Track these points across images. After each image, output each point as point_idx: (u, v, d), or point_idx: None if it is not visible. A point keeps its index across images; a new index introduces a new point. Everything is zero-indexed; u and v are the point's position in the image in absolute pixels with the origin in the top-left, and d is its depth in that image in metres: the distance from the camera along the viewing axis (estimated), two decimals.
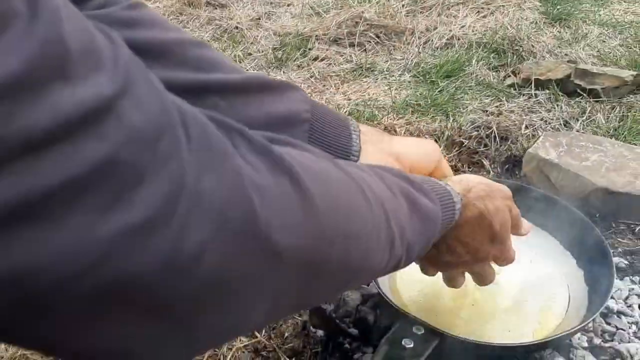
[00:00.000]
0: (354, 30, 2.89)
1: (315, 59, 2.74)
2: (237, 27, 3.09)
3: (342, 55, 2.76)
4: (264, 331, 1.46)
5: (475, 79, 2.52)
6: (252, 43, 2.91)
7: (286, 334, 1.47)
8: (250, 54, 2.80)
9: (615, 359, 1.30)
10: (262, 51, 2.81)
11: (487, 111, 2.27)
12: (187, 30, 3.13)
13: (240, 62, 2.71)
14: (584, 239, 1.41)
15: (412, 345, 1.12)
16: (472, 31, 2.91)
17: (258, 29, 3.06)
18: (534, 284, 1.37)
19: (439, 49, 2.80)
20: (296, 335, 1.47)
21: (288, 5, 3.37)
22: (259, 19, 3.19)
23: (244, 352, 1.45)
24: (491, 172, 1.98)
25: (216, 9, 3.37)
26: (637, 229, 1.73)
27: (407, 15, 3.09)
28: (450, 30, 2.91)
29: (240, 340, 1.45)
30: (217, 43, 2.96)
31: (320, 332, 1.44)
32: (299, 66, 2.69)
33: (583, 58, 2.64)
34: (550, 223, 1.49)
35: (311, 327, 1.46)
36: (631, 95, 2.32)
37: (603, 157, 1.89)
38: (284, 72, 2.64)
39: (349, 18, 2.95)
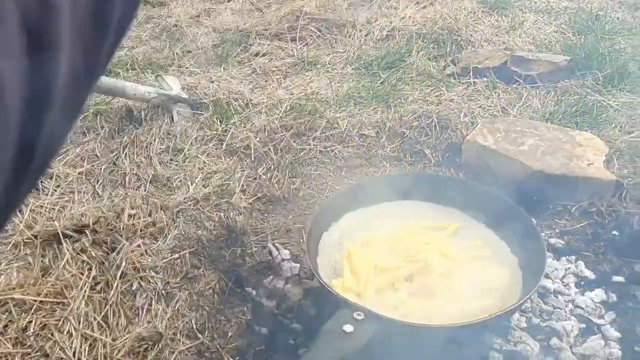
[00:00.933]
0: (295, 24, 2.87)
1: (257, 54, 2.71)
2: (176, 25, 3.03)
3: (283, 50, 2.75)
4: (206, 332, 1.44)
5: (416, 69, 2.54)
6: (191, 40, 2.86)
7: (230, 334, 1.44)
8: (189, 52, 2.76)
9: (551, 337, 1.32)
10: (202, 48, 2.77)
11: (427, 101, 2.29)
12: None
13: (178, 61, 2.66)
14: (517, 227, 1.45)
15: (352, 331, 1.14)
16: (412, 22, 2.93)
17: (198, 26, 3.01)
18: (473, 272, 1.39)
19: (380, 41, 2.81)
20: (240, 335, 1.45)
21: (228, 1, 3.33)
22: (199, 16, 3.14)
23: (187, 354, 1.43)
24: (432, 160, 2.00)
25: (154, 7, 3.30)
26: (573, 209, 1.77)
27: (348, 9, 3.09)
28: (391, 22, 2.92)
29: (182, 343, 1.42)
30: (156, 41, 2.90)
31: (264, 330, 1.43)
32: (240, 62, 2.66)
33: (520, 45, 2.69)
34: (485, 214, 1.54)
35: (255, 326, 1.44)
36: (566, 80, 2.38)
37: (539, 141, 1.93)
38: (224, 68, 2.60)
39: (289, 12, 2.94)
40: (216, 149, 2.07)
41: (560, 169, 1.81)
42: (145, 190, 1.87)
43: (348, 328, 1.14)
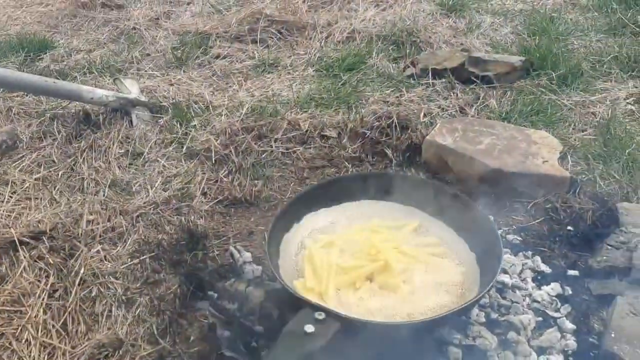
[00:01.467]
0: (255, 26, 2.87)
1: (217, 56, 2.70)
2: (134, 28, 3.00)
3: (244, 52, 2.74)
4: (168, 337, 1.43)
5: (376, 70, 2.56)
6: (150, 43, 2.83)
7: (192, 338, 1.43)
8: (148, 55, 2.73)
9: (509, 331, 1.35)
10: (161, 51, 2.74)
11: (387, 102, 2.32)
12: (82, 33, 3.01)
13: (137, 64, 2.63)
14: (475, 224, 1.47)
15: (313, 331, 1.14)
16: (372, 24, 2.96)
17: (157, 29, 2.98)
18: (431, 270, 1.41)
19: (340, 43, 2.82)
20: (202, 338, 1.44)
21: (188, 3, 3.31)
22: (158, 18, 3.11)
23: None
24: (394, 160, 2.02)
25: (112, 10, 3.26)
26: (530, 206, 1.81)
27: (308, 11, 3.10)
28: (351, 24, 2.94)
29: (143, 348, 1.40)
30: (114, 44, 2.86)
31: (226, 333, 1.42)
32: (200, 64, 2.64)
33: (477, 46, 2.74)
34: (444, 212, 1.55)
35: (217, 329, 1.43)
36: (521, 80, 2.44)
37: (495, 140, 1.97)
38: (184, 71, 2.58)
39: (249, 15, 2.93)
40: (176, 152, 2.05)
41: (517, 166, 1.85)
42: (104, 195, 1.84)
43: (309, 328, 1.14)
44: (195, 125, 2.16)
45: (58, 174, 1.95)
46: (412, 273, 1.39)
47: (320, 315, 1.17)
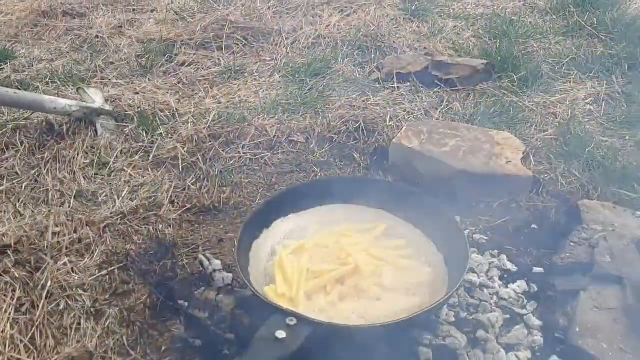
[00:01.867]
0: (221, 33, 2.86)
1: (182, 64, 2.68)
2: (97, 37, 2.96)
3: (210, 59, 2.73)
4: (139, 348, 1.41)
5: (342, 75, 2.58)
6: (114, 52, 2.80)
7: (163, 348, 1.42)
8: (112, 63, 2.69)
9: (477, 330, 1.38)
10: (125, 59, 2.71)
11: (354, 106, 2.34)
12: (44, 43, 2.96)
13: (101, 73, 2.60)
14: (442, 225, 1.50)
15: (285, 337, 1.15)
16: (337, 30, 2.98)
17: (120, 37, 2.95)
18: (400, 271, 1.43)
19: (306, 49, 2.84)
20: (174, 348, 1.42)
21: (152, 11, 3.28)
22: (121, 26, 3.08)
23: None
24: (361, 164, 2.04)
25: (74, 18, 3.21)
26: (495, 206, 1.85)
27: (274, 17, 3.10)
28: (317, 30, 2.96)
29: (113, 359, 1.38)
30: (77, 54, 2.81)
31: (198, 342, 1.41)
32: (165, 72, 2.62)
33: (440, 50, 2.78)
34: (412, 215, 1.58)
35: (188, 338, 1.42)
36: (484, 83, 2.49)
37: (460, 142, 2.00)
38: (149, 79, 2.56)
39: (214, 22, 2.92)
40: (143, 161, 2.03)
41: (482, 167, 1.89)
42: (69, 206, 1.82)
43: (280, 334, 1.15)
44: (161, 133, 2.15)
45: (22, 186, 1.91)
46: (382, 275, 1.41)
47: (292, 321, 1.18)
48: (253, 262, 1.43)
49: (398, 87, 2.46)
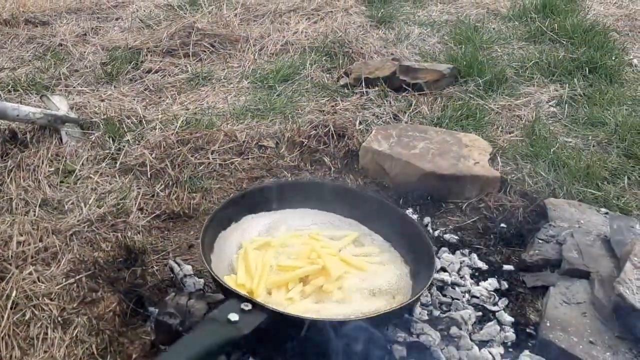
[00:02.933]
0: (187, 40, 2.84)
1: (149, 71, 2.65)
2: (61, 45, 2.90)
3: (176, 66, 2.71)
4: (109, 356, 1.38)
5: (310, 81, 2.59)
6: (78, 59, 2.75)
7: (134, 356, 1.39)
8: (77, 71, 2.65)
9: (451, 327, 1.39)
10: (90, 67, 2.67)
11: (323, 111, 2.34)
12: (5, 51, 2.89)
13: (65, 80, 2.55)
14: (409, 234, 1.53)
15: (237, 319, 1.16)
16: (305, 37, 2.99)
17: (85, 45, 2.90)
18: (369, 278, 1.43)
19: (274, 55, 2.84)
20: (145, 355, 1.39)
21: (116, 19, 3.24)
22: (85, 34, 3.03)
23: None
24: (332, 168, 2.05)
25: (37, 26, 3.14)
26: (464, 206, 1.87)
27: (241, 24, 3.10)
28: (284, 37, 2.97)
29: None
30: (40, 62, 2.76)
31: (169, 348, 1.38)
32: (131, 79, 2.58)
33: (407, 56, 2.82)
34: (380, 224, 1.60)
35: (159, 345, 1.40)
36: (450, 87, 2.52)
37: (429, 144, 2.03)
38: (115, 86, 2.52)
39: (181, 29, 2.90)
40: (110, 168, 2.00)
41: (450, 169, 1.91)
42: (34, 215, 1.77)
43: (233, 317, 1.15)
44: (128, 140, 2.11)
45: None
46: (348, 280, 1.40)
47: (247, 307, 1.19)
48: (217, 252, 1.44)
49: (366, 91, 2.47)
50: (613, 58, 2.70)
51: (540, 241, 1.67)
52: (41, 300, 1.49)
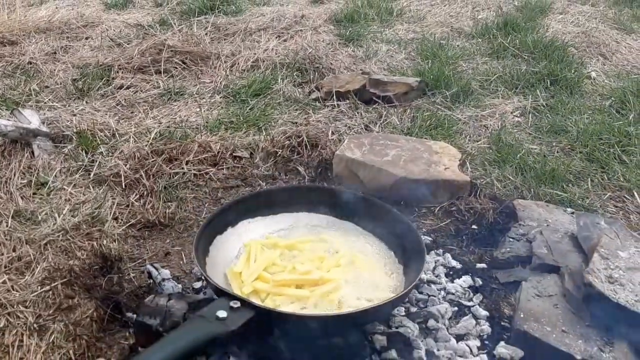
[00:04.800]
0: (159, 57, 2.86)
1: (120, 87, 2.66)
2: (30, 63, 2.89)
3: (148, 82, 2.72)
4: None
5: (282, 95, 2.63)
6: (48, 76, 2.74)
7: None
8: (47, 87, 2.64)
9: (428, 319, 1.41)
10: (61, 83, 2.66)
11: (296, 122, 2.38)
12: None
13: (36, 96, 2.54)
14: (402, 235, 1.57)
15: (225, 316, 1.18)
16: (276, 54, 3.04)
17: (54, 63, 2.90)
18: (360, 273, 1.47)
19: (245, 71, 2.88)
20: (124, 359, 1.39)
21: (86, 38, 3.24)
22: (55, 53, 3.02)
23: None
24: (306, 176, 2.07)
25: (5, 46, 3.12)
26: (437, 210, 1.91)
27: (212, 42, 3.14)
28: (255, 54, 3.01)
29: None
30: (9, 79, 2.74)
31: None
32: (102, 95, 2.59)
33: (376, 72, 2.88)
34: (375, 225, 1.64)
35: (138, 347, 1.39)
36: (419, 99, 2.59)
37: (400, 151, 2.07)
38: (86, 102, 2.52)
39: (152, 46, 2.92)
40: (83, 180, 1.99)
41: (422, 174, 1.96)
42: (7, 226, 1.75)
43: (222, 314, 1.18)
44: (102, 152, 2.11)
45: None
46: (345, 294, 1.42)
47: (235, 304, 1.21)
48: (212, 255, 1.45)
49: (338, 104, 2.53)
50: (572, 71, 2.82)
51: (511, 239, 1.72)
52: (16, 307, 1.46)
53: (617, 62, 3.03)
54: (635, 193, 1.96)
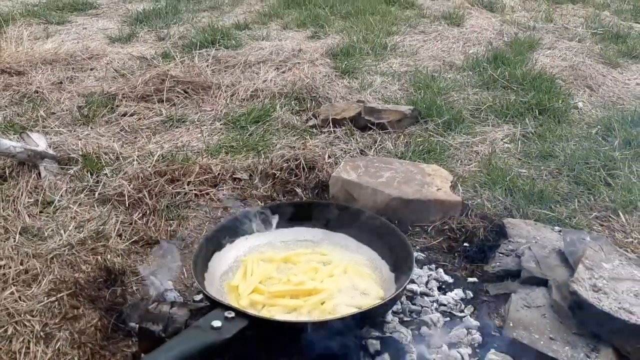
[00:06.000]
0: (161, 87, 2.96)
1: (124, 114, 2.75)
2: (37, 91, 2.99)
3: (151, 110, 2.81)
4: None
5: (281, 122, 2.72)
6: (55, 104, 2.83)
7: None
8: (53, 113, 2.73)
9: (421, 327, 1.47)
10: (67, 110, 2.75)
11: (294, 147, 2.47)
12: None
13: (42, 122, 2.62)
14: (395, 247, 1.64)
15: (220, 325, 1.24)
16: (274, 84, 3.15)
17: (60, 92, 3.00)
18: (353, 282, 1.53)
19: (245, 100, 2.98)
20: None
21: (91, 69, 3.35)
22: (61, 83, 3.13)
23: None
24: (303, 197, 2.15)
25: (12, 76, 3.23)
26: (430, 229, 1.98)
27: (213, 73, 3.25)
28: (254, 84, 3.12)
29: None
30: (17, 107, 2.83)
31: None
32: (107, 122, 2.68)
33: (371, 101, 2.99)
34: (367, 236, 1.73)
35: (142, 354, 1.43)
36: (412, 126, 2.69)
37: (394, 173, 2.16)
38: (91, 127, 2.61)
39: (155, 76, 3.03)
40: (88, 199, 2.06)
41: (415, 194, 2.03)
42: (14, 241, 1.81)
43: (216, 323, 1.24)
44: (106, 173, 2.19)
45: None
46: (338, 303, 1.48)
47: (230, 314, 1.27)
48: (210, 271, 1.51)
49: (334, 130, 2.62)
50: (560, 101, 2.93)
51: (501, 255, 1.79)
52: (23, 316, 1.52)
53: (604, 94, 3.15)
54: (620, 213, 2.03)
